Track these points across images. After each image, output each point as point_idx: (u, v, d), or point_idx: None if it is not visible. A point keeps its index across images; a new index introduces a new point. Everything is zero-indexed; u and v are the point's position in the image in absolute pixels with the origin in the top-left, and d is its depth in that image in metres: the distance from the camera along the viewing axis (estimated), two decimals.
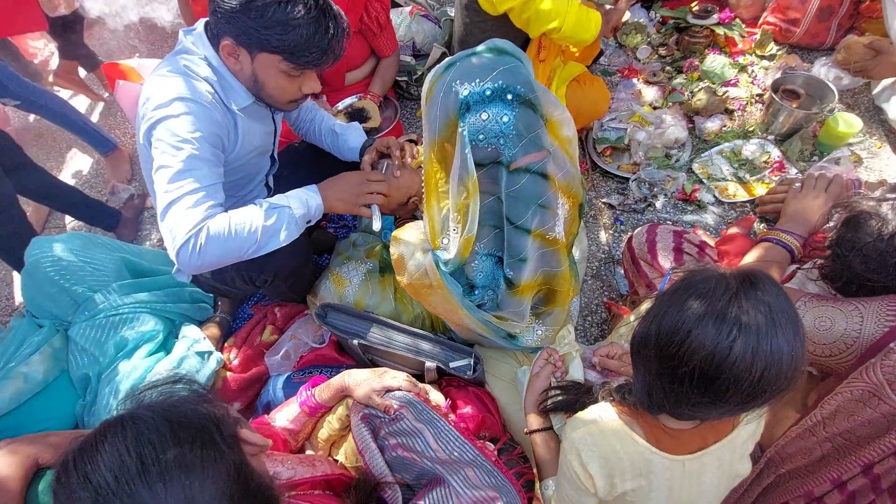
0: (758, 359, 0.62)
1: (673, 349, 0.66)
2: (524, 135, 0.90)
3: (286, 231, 1.13)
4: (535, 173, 0.94)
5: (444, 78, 0.91)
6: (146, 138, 1.10)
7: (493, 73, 0.88)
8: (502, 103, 0.88)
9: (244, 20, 1.05)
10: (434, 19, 2.40)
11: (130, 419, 0.54)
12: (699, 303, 0.65)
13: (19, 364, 1.25)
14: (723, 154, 1.86)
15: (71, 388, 1.34)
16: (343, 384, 1.13)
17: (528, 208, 0.96)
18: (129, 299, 1.41)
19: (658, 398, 0.72)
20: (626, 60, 2.29)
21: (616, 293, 1.64)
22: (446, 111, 0.91)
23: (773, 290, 0.65)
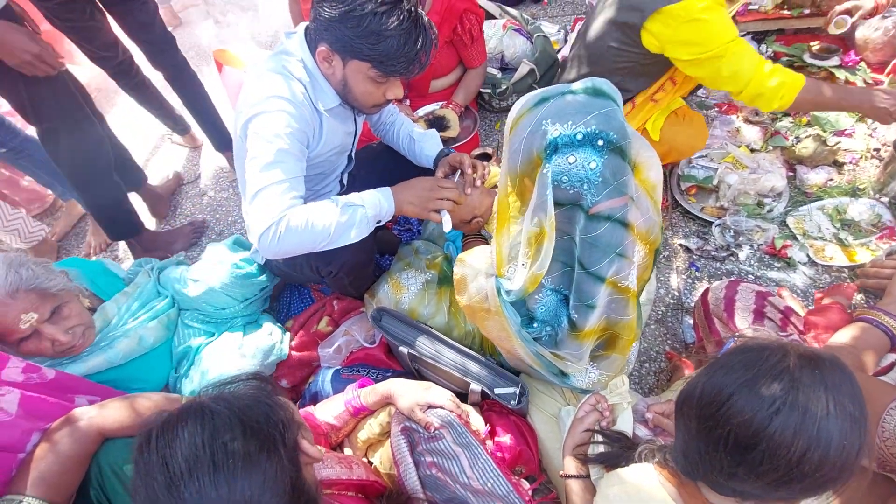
0: (800, 438, 0.59)
1: (712, 409, 0.65)
2: (610, 182, 0.87)
3: (357, 229, 1.18)
4: (616, 221, 0.90)
5: (534, 112, 0.89)
6: (243, 130, 1.21)
7: (587, 116, 0.85)
8: (592, 148, 0.85)
9: (341, 28, 1.12)
10: (526, 34, 2.38)
11: (210, 412, 0.62)
12: (750, 369, 0.64)
13: (139, 325, 1.37)
14: (824, 210, 1.70)
15: (168, 358, 1.45)
16: (389, 392, 1.15)
17: (604, 256, 0.93)
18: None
19: (693, 460, 0.70)
20: (726, 95, 2.14)
21: (680, 343, 1.54)
22: (531, 147, 0.89)
23: (838, 375, 0.62)
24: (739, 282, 1.27)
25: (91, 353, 1.27)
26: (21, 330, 1.08)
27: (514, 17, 2.49)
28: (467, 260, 1.12)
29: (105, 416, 1.01)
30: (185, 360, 1.45)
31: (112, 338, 1.32)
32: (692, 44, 1.39)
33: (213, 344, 1.46)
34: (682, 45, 1.41)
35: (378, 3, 1.09)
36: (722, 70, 1.40)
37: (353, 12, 1.09)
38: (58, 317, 1.16)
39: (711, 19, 1.36)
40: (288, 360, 1.53)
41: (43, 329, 1.13)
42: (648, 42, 1.47)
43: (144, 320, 1.40)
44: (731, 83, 1.42)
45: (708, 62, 1.40)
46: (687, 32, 1.38)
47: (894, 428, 0.84)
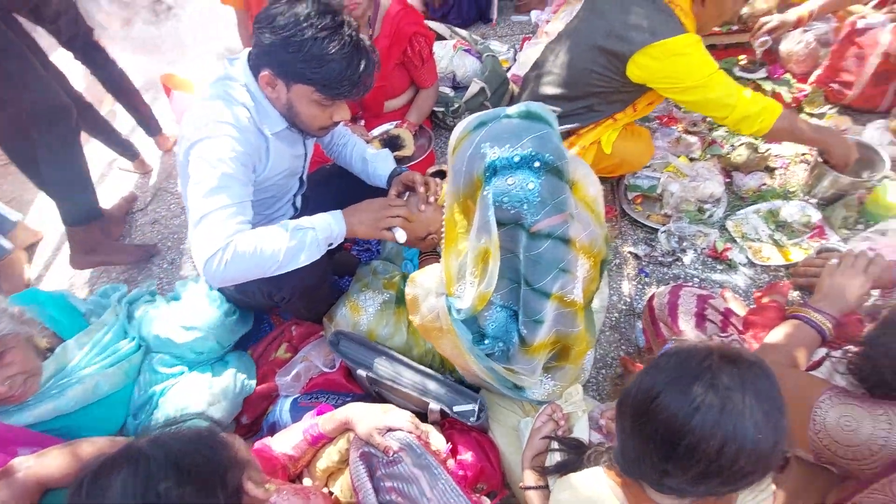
0: (717, 432, 0.63)
1: (643, 408, 0.70)
2: (548, 201, 0.90)
3: (307, 252, 1.18)
4: (557, 238, 0.93)
5: (473, 136, 0.92)
6: (185, 155, 1.19)
7: (523, 139, 0.88)
8: (529, 170, 0.88)
9: (283, 54, 1.13)
10: (476, 54, 2.45)
11: (145, 458, 0.59)
12: (677, 369, 0.69)
13: (97, 371, 1.28)
14: (760, 214, 1.80)
15: (125, 405, 1.36)
16: (347, 417, 1.14)
17: (548, 273, 0.96)
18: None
19: (630, 458, 0.74)
20: (666, 108, 2.26)
21: (634, 348, 1.59)
22: (472, 170, 0.91)
23: (757, 373, 0.67)
24: (682, 286, 1.33)
25: (40, 401, 1.19)
26: None
27: (464, 38, 2.56)
28: (418, 280, 1.13)
29: (44, 466, 0.95)
30: (148, 405, 1.37)
31: (64, 384, 1.23)
32: (679, 76, 1.52)
33: (179, 386, 1.39)
34: (668, 77, 1.53)
35: (318, 29, 1.10)
36: (709, 97, 1.52)
37: (293, 38, 1.10)
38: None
39: (696, 54, 1.49)
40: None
41: None
42: (632, 73, 1.57)
43: (104, 365, 1.31)
44: (718, 110, 1.55)
45: (694, 90, 1.52)
46: (674, 66, 1.50)
47: (824, 420, 0.89)
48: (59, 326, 1.33)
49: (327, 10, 1.13)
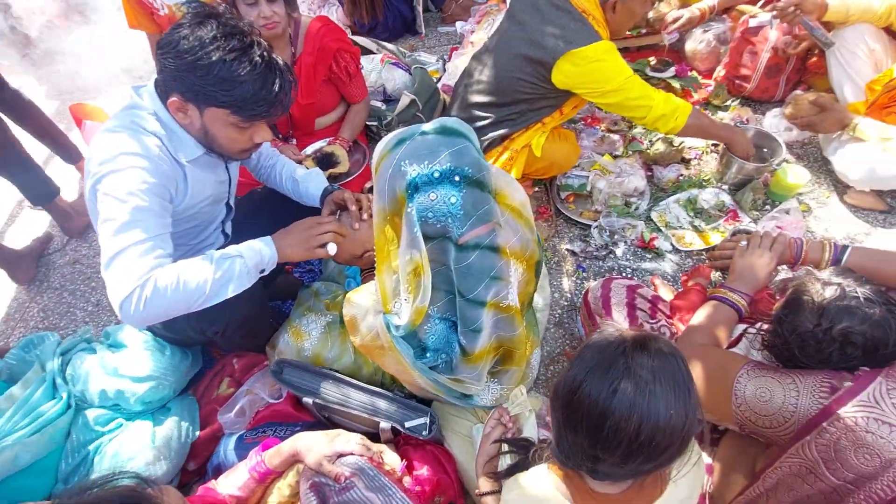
0: (634, 413, 0.68)
1: (569, 397, 0.74)
2: (472, 213, 0.92)
3: (237, 282, 1.13)
4: (485, 248, 0.95)
5: (393, 154, 0.93)
6: (92, 192, 1.12)
7: (441, 155, 0.90)
8: (451, 184, 0.90)
9: (191, 78, 1.08)
10: (405, 67, 2.47)
11: None
12: (594, 357, 0.74)
13: (18, 440, 1.16)
14: (679, 203, 1.93)
15: (52, 471, 1.25)
16: (294, 449, 1.10)
17: (479, 282, 0.98)
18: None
19: (565, 449, 0.78)
20: (589, 109, 2.37)
21: (578, 341, 1.65)
22: (394, 188, 0.92)
23: (663, 353, 0.73)
24: (612, 279, 1.40)
25: None
26: None
27: (391, 51, 2.57)
28: (354, 300, 1.12)
29: None
30: (81, 466, 1.25)
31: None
32: (598, 80, 1.62)
33: (117, 441, 1.28)
34: (589, 82, 1.64)
35: (226, 51, 1.07)
36: (629, 99, 1.65)
37: (199, 61, 1.06)
38: None
39: (611, 60, 1.61)
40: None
41: None
42: (557, 79, 1.65)
43: (26, 433, 1.18)
44: (636, 110, 1.68)
45: (614, 94, 1.64)
46: (593, 71, 1.61)
47: (744, 393, 0.96)
48: None
49: (234, 31, 1.09)
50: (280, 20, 1.78)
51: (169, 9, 2.04)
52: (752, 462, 1.09)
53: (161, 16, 2.07)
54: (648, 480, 0.81)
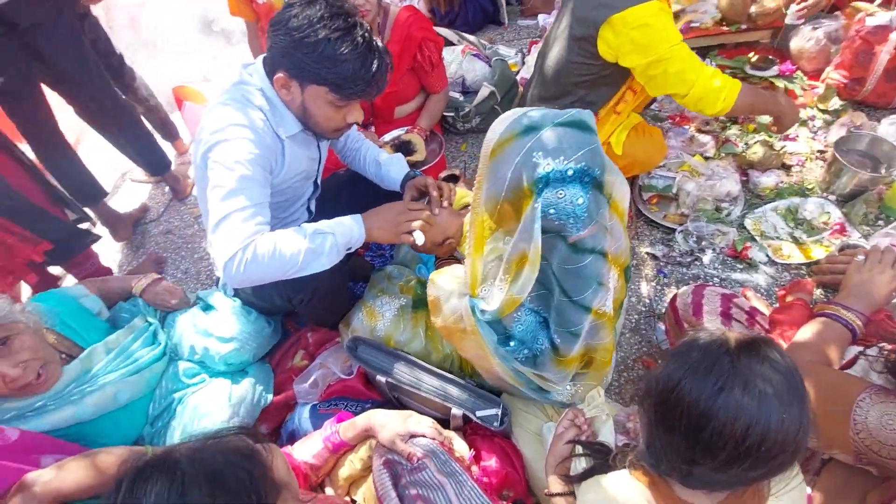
0: (741, 414, 0.63)
1: (665, 396, 0.69)
2: (594, 216, 0.89)
3: (327, 256, 1.17)
4: (598, 253, 0.91)
5: (521, 141, 0.88)
6: (203, 159, 1.19)
7: (578, 153, 0.85)
8: (580, 185, 0.86)
9: (297, 55, 1.13)
10: (485, 58, 2.45)
11: (181, 474, 0.59)
12: (695, 355, 0.69)
13: (118, 378, 1.25)
14: (778, 211, 1.78)
15: (143, 414, 1.33)
16: (368, 424, 1.12)
17: (588, 286, 0.94)
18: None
19: (656, 452, 0.73)
20: (677, 107, 2.25)
21: (655, 349, 1.57)
22: (520, 178, 0.88)
23: (774, 354, 0.67)
24: (705, 286, 1.31)
25: (60, 406, 1.17)
26: None
27: (472, 43, 2.56)
28: (438, 281, 1.11)
29: (63, 479, 0.94)
30: (166, 413, 1.35)
31: (85, 390, 1.21)
32: (641, 48, 1.46)
33: (198, 395, 1.36)
34: (632, 51, 1.48)
35: (332, 30, 1.11)
36: (669, 72, 1.47)
37: (307, 38, 1.11)
38: (5, 349, 1.07)
39: (658, 24, 1.43)
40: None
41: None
42: (604, 51, 1.53)
43: (127, 373, 1.28)
44: (678, 85, 1.49)
45: (656, 64, 1.47)
46: (637, 37, 1.45)
47: (865, 420, 0.86)
48: (72, 331, 1.31)
49: (340, 11, 1.14)
50: (371, 8, 1.83)
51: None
52: (860, 495, 0.98)
53: (260, 4, 2.18)
54: (748, 493, 0.74)
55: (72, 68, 1.85)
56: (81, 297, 1.42)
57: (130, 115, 2.18)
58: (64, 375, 1.18)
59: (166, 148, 2.68)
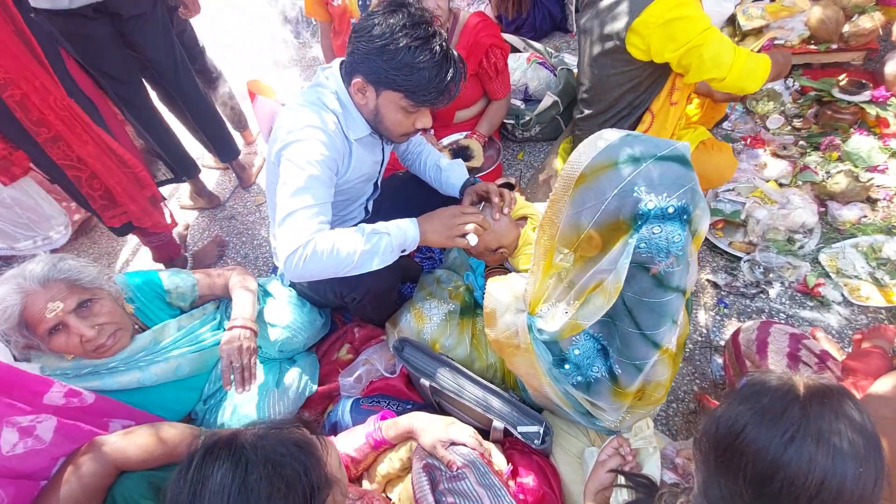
0: (816, 466, 0.59)
1: (728, 441, 0.66)
2: (685, 254, 0.86)
3: (381, 257, 1.20)
4: (680, 291, 0.88)
5: (620, 171, 0.83)
6: (277, 157, 1.26)
7: (680, 190, 0.82)
8: (679, 223, 0.83)
9: (377, 61, 1.17)
10: (550, 67, 2.42)
11: (245, 461, 0.63)
12: (763, 400, 0.65)
13: (181, 354, 1.33)
14: (859, 248, 1.65)
15: (198, 390, 1.41)
16: (411, 426, 1.14)
17: (664, 323, 0.91)
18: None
19: (714, 498, 0.69)
20: (753, 128, 2.13)
21: (709, 383, 1.50)
22: (617, 212, 0.84)
23: (848, 405, 0.63)
24: (772, 323, 1.23)
25: (128, 369, 1.26)
26: (47, 320, 1.07)
27: (538, 51, 2.54)
28: (494, 293, 1.11)
29: (128, 444, 1.01)
30: (218, 392, 1.43)
31: (151, 360, 1.30)
32: (671, 41, 1.45)
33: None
34: (664, 47, 1.47)
35: (412, 38, 1.14)
36: (704, 57, 1.45)
37: (388, 46, 1.15)
38: (86, 311, 1.14)
39: (682, 13, 1.42)
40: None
41: (69, 321, 1.11)
42: (638, 55, 1.53)
43: (189, 351, 1.35)
44: (715, 69, 1.47)
45: (689, 53, 1.46)
46: (663, 33, 1.45)
47: None
48: (142, 315, 1.39)
49: (421, 20, 1.16)
50: (443, 13, 1.85)
51: (343, 1, 2.22)
52: None
53: (334, 6, 2.26)
54: None
55: (160, 57, 1.99)
56: (169, 286, 1.43)
57: (207, 105, 2.32)
58: (136, 343, 1.27)
59: (236, 137, 2.84)
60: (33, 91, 1.45)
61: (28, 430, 0.92)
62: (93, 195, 1.68)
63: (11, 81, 1.41)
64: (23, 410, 0.92)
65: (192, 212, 2.61)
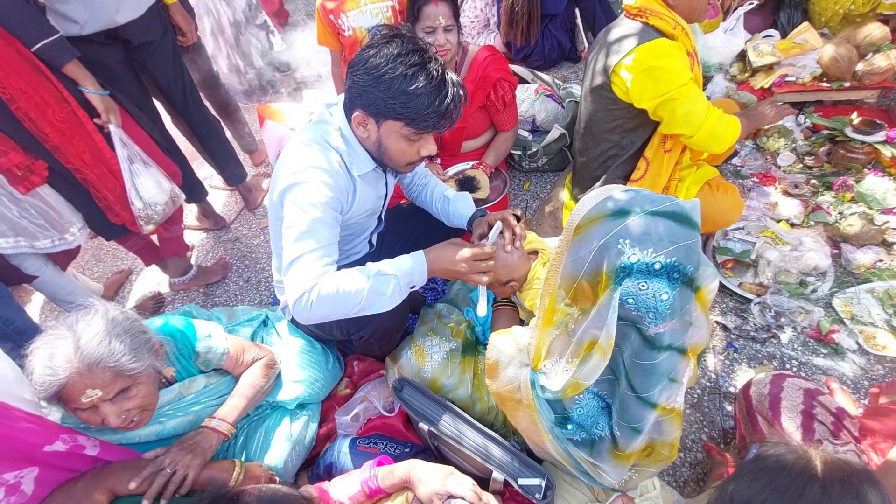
0: None
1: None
2: (677, 313, 0.83)
3: (390, 298, 1.19)
4: (675, 350, 0.85)
5: (609, 223, 0.83)
6: (280, 198, 1.25)
7: (669, 247, 0.79)
8: (667, 280, 0.80)
9: (374, 92, 1.17)
10: (558, 99, 2.42)
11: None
12: (778, 478, 0.63)
13: (203, 408, 1.29)
14: (874, 294, 1.60)
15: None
16: (407, 476, 1.10)
17: (658, 383, 0.88)
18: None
19: None
20: (763, 165, 2.10)
21: (718, 432, 1.44)
22: (601, 261, 0.83)
23: (870, 487, 0.61)
24: (785, 376, 1.19)
25: (149, 424, 1.22)
26: (82, 403, 1.02)
27: (547, 83, 2.54)
28: (498, 344, 1.08)
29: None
30: (233, 441, 1.38)
31: (171, 414, 1.26)
32: (648, 89, 1.48)
33: (264, 427, 1.40)
34: (641, 93, 1.50)
35: (407, 66, 1.14)
36: (676, 112, 1.48)
37: (384, 76, 1.14)
38: (122, 397, 1.07)
39: (664, 64, 1.45)
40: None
41: (101, 407, 1.05)
42: (619, 93, 1.57)
43: (211, 404, 1.31)
44: (685, 125, 1.49)
45: (664, 105, 1.48)
46: (643, 79, 1.48)
47: None
48: (177, 365, 1.32)
49: (416, 48, 1.17)
50: (451, 48, 1.86)
51: (353, 31, 2.24)
52: None
53: (346, 37, 2.28)
54: None
55: (169, 83, 2.02)
56: (200, 349, 1.35)
57: (216, 129, 2.35)
58: (160, 398, 1.21)
59: (244, 158, 2.86)
60: (32, 106, 1.53)
61: (14, 487, 0.90)
62: (97, 195, 1.78)
63: (13, 98, 1.49)
64: (11, 466, 0.90)
65: (198, 233, 2.61)
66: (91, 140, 1.66)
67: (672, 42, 1.48)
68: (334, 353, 1.64)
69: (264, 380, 1.40)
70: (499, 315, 1.46)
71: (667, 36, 1.49)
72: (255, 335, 1.60)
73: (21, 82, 1.48)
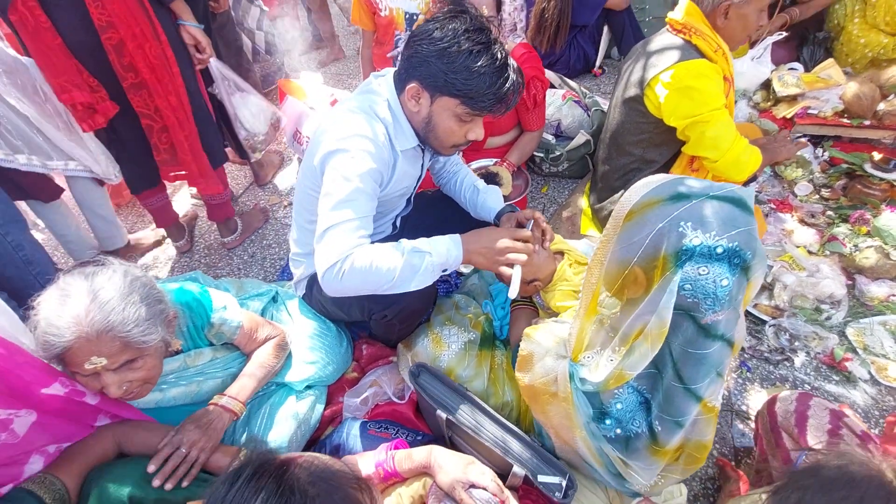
0: None
1: None
2: (735, 301, 0.81)
3: (421, 277, 1.15)
4: (726, 341, 0.84)
5: (667, 207, 0.82)
6: (322, 163, 1.20)
7: (732, 230, 0.78)
8: (728, 265, 0.79)
9: (437, 64, 1.14)
10: (584, 106, 2.43)
11: (290, 490, 0.58)
12: (854, 493, 0.61)
13: (206, 379, 1.25)
14: (887, 327, 1.62)
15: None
16: (427, 462, 1.06)
17: (707, 375, 0.86)
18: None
19: None
20: (780, 192, 2.13)
21: (729, 448, 1.43)
22: (659, 245, 0.81)
23: None
24: (811, 396, 1.18)
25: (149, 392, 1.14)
26: (84, 369, 0.95)
27: (574, 89, 2.55)
28: (535, 337, 1.05)
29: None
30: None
31: (174, 383, 1.21)
32: (682, 108, 1.49)
33: (269, 405, 1.35)
34: (674, 111, 1.52)
35: (474, 42, 1.12)
36: (706, 134, 1.49)
37: (449, 48, 1.12)
38: (126, 367, 1.00)
39: (699, 85, 1.46)
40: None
41: (103, 375, 0.98)
42: (650, 107, 1.58)
43: (216, 376, 1.27)
44: (711, 149, 1.51)
45: (694, 126, 1.49)
46: (677, 97, 1.48)
47: None
48: (186, 336, 1.25)
49: (482, 26, 1.15)
50: None
51: (391, 11, 2.22)
52: None
53: (381, 17, 2.26)
54: None
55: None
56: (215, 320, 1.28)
57: (203, 105, 2.29)
58: (164, 366, 1.14)
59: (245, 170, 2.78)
60: (131, 37, 1.51)
61: (4, 424, 0.85)
62: (159, 147, 1.76)
63: (112, 25, 1.48)
64: (5, 403, 0.85)
65: (233, 171, 2.56)
66: (177, 82, 1.66)
67: (711, 65, 1.48)
68: (348, 337, 1.59)
69: (275, 360, 1.35)
70: (518, 314, 1.43)
71: (706, 57, 1.50)
72: (264, 311, 1.54)
73: (123, 9, 1.47)
